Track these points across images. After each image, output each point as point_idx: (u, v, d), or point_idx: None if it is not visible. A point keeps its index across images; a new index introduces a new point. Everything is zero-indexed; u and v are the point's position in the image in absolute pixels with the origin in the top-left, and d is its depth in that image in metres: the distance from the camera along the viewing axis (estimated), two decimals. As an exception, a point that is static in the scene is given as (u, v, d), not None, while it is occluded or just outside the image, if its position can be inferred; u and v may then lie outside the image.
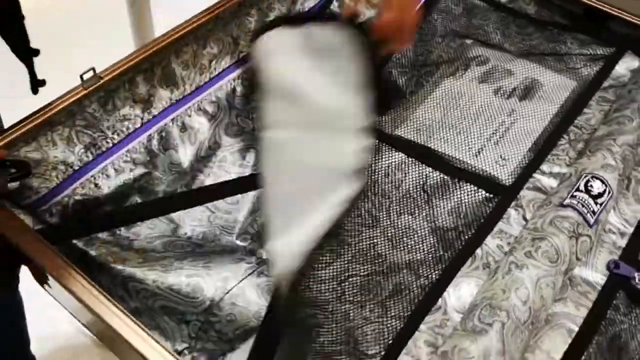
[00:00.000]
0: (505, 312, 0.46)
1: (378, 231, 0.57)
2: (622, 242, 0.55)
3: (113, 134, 0.62)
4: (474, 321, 0.47)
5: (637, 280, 0.53)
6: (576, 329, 0.50)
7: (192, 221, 0.64)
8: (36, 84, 0.58)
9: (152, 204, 0.62)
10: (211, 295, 0.56)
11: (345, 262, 0.55)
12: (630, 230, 0.56)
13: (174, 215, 0.63)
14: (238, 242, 0.63)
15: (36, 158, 0.57)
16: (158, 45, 0.63)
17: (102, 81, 0.59)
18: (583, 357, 0.49)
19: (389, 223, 0.57)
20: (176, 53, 0.65)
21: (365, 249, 0.56)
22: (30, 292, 0.62)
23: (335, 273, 0.54)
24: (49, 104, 0.57)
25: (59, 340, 1.13)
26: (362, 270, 0.54)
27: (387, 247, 0.56)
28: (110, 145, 0.61)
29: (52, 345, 0.98)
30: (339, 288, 0.53)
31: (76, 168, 0.59)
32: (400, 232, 0.57)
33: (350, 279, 0.53)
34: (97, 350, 1.13)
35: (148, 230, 0.62)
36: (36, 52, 0.59)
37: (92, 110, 0.60)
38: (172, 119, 0.65)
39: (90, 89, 0.59)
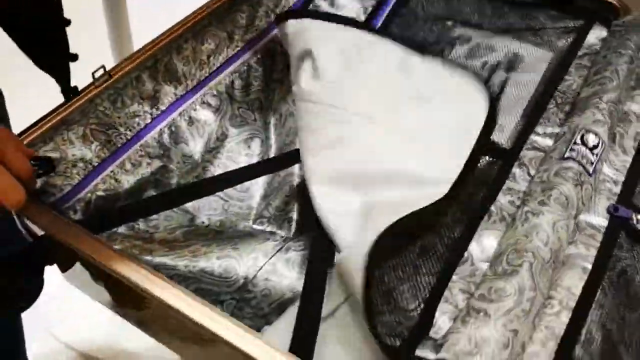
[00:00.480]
0: (531, 253, 0.51)
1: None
2: (617, 189, 0.62)
3: (126, 130, 0.64)
4: (503, 265, 0.52)
5: (634, 221, 0.60)
6: (589, 267, 0.56)
7: (208, 211, 0.67)
8: (69, 89, 0.59)
9: (166, 194, 0.65)
10: (244, 274, 0.59)
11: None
12: (622, 178, 0.62)
13: (189, 207, 0.66)
14: (255, 226, 0.67)
15: (56, 157, 0.59)
16: (160, 42, 0.66)
17: (112, 79, 0.62)
18: (599, 291, 0.55)
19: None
20: (177, 50, 0.69)
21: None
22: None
23: None
24: (63, 103, 0.60)
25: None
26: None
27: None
28: (124, 141, 0.64)
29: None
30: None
31: (95, 164, 0.61)
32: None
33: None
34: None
35: (166, 223, 0.64)
36: (75, 57, 0.60)
37: (103, 108, 0.63)
38: (180, 114, 0.68)
39: (101, 87, 0.61)
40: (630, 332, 0.54)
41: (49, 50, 0.61)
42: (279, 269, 0.59)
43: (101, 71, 0.61)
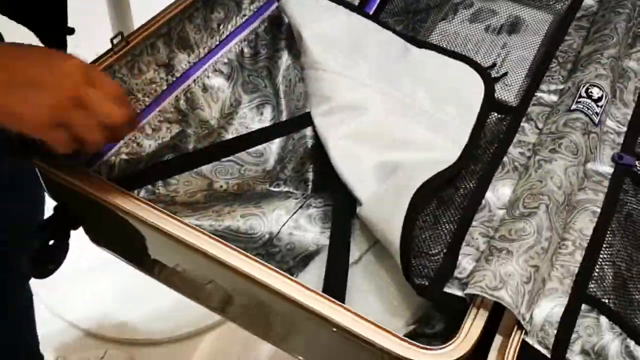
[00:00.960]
0: (547, 196, 0.55)
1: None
2: (620, 140, 0.66)
3: (144, 96, 0.67)
4: (520, 209, 0.56)
5: (638, 168, 0.64)
6: (598, 210, 0.60)
7: (224, 175, 0.70)
8: None
9: (184, 157, 0.68)
10: (268, 230, 0.62)
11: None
12: (624, 129, 0.67)
13: (206, 172, 0.69)
14: (272, 188, 0.70)
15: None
16: (173, 11, 0.69)
17: (129, 46, 0.65)
18: (608, 232, 0.59)
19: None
20: (189, 18, 0.71)
21: None
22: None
23: None
24: (85, 69, 0.62)
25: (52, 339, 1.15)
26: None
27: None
28: (143, 107, 0.67)
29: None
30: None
31: (119, 130, 0.64)
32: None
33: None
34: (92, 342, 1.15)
35: (185, 187, 0.67)
36: (72, 31, 0.63)
37: (121, 74, 0.65)
38: (194, 80, 0.71)
39: (120, 53, 0.64)
40: (638, 270, 0.59)
41: (48, 23, 0.63)
42: (302, 224, 0.62)
43: (119, 38, 0.64)
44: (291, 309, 0.50)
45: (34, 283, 0.82)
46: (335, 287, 0.54)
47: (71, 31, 0.63)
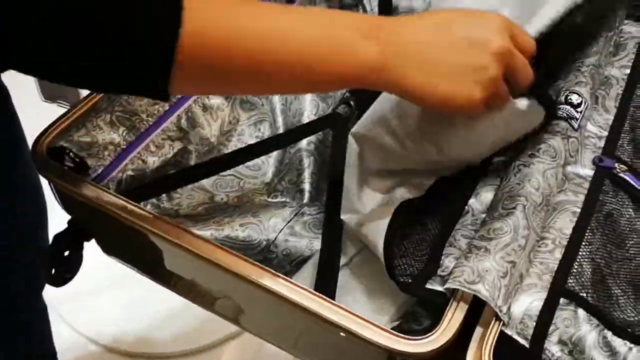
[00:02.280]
0: (524, 197, 0.62)
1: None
2: (601, 144, 0.72)
3: (147, 117, 0.75)
4: (499, 210, 0.62)
5: (617, 170, 0.70)
6: (578, 210, 0.66)
7: (225, 189, 0.77)
8: None
9: (186, 171, 0.75)
10: (265, 237, 0.69)
11: None
12: (605, 133, 0.73)
13: (208, 186, 0.76)
14: (270, 199, 0.77)
15: (88, 141, 0.69)
16: (174, 35, 0.77)
17: (133, 70, 0.73)
18: (587, 231, 0.65)
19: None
20: (189, 42, 0.79)
21: None
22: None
23: None
24: (91, 92, 0.70)
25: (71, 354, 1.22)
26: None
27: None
28: (147, 126, 0.74)
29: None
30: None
31: (124, 147, 0.71)
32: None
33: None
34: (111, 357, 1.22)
35: (188, 200, 0.75)
36: None
37: (126, 97, 0.73)
38: (194, 101, 0.79)
39: (124, 77, 0.72)
40: (618, 266, 0.65)
41: None
42: (297, 230, 0.70)
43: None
44: (287, 308, 0.57)
45: (53, 298, 0.89)
46: (326, 286, 0.61)
47: None
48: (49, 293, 0.82)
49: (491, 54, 0.49)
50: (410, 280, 0.59)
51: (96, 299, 1.30)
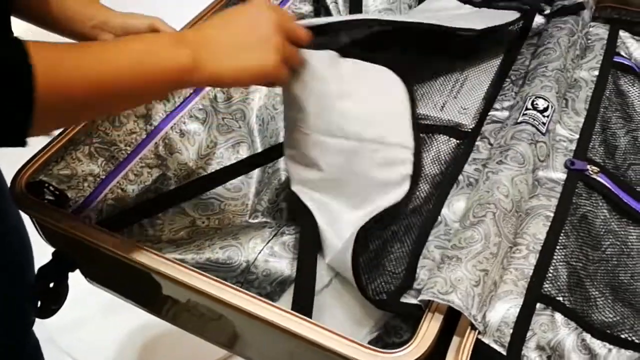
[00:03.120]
0: (494, 204, 0.62)
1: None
2: (572, 146, 0.72)
3: (125, 146, 0.75)
4: (470, 219, 0.62)
5: (590, 172, 0.70)
6: (552, 215, 0.66)
7: (206, 212, 0.77)
8: None
9: (165, 195, 0.76)
10: (245, 259, 0.69)
11: None
12: (576, 136, 0.73)
13: (189, 210, 0.77)
14: (251, 220, 0.77)
15: (67, 174, 0.70)
16: (148, 65, 0.77)
17: (108, 101, 0.73)
18: (562, 234, 0.65)
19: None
20: (163, 70, 0.80)
21: None
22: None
23: None
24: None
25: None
26: None
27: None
28: (126, 155, 0.75)
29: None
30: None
31: (102, 177, 0.72)
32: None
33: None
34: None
35: (170, 226, 0.75)
36: None
37: (104, 128, 0.73)
38: (171, 127, 0.79)
39: (100, 109, 0.72)
40: (595, 268, 0.65)
41: None
42: (276, 251, 0.70)
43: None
44: (266, 329, 0.57)
45: (50, 326, 0.89)
46: (302, 304, 0.61)
47: None
48: (48, 325, 0.82)
49: (271, 27, 0.58)
50: (385, 297, 0.59)
51: (95, 326, 1.30)
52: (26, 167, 0.67)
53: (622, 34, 0.86)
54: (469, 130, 0.75)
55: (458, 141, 0.74)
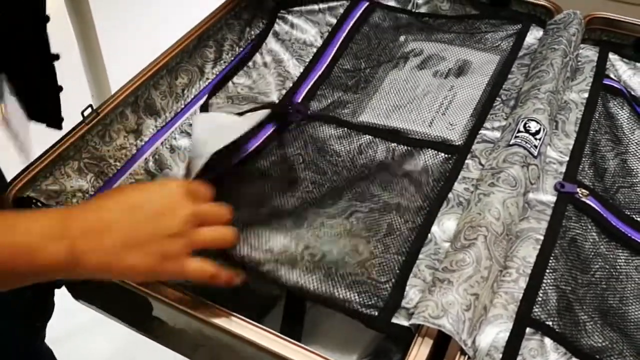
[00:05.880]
0: (485, 227, 0.61)
1: (369, 180, 0.71)
2: (562, 169, 0.71)
3: (115, 162, 0.73)
4: (461, 241, 0.61)
5: (580, 195, 0.69)
6: (541, 238, 0.65)
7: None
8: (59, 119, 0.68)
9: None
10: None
11: (348, 200, 0.68)
12: (566, 158, 0.72)
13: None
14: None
15: (56, 189, 0.68)
16: (139, 80, 0.76)
17: (99, 116, 0.71)
18: (551, 258, 0.64)
19: (374, 178, 0.71)
20: (154, 86, 0.78)
21: (362, 192, 0.69)
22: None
23: (341, 210, 0.67)
24: (58, 141, 0.69)
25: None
26: (363, 207, 0.67)
27: (379, 189, 0.69)
28: (115, 171, 0.73)
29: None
30: (347, 222, 0.65)
31: (91, 193, 0.70)
32: (386, 181, 0.70)
33: (355, 214, 0.66)
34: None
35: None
36: (57, 57, 0.68)
37: (94, 143, 0.72)
38: (162, 143, 0.78)
39: (91, 124, 0.71)
40: (584, 292, 0.63)
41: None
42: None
43: (89, 110, 0.70)
44: (255, 352, 0.55)
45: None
46: (292, 328, 0.59)
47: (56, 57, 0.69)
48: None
49: (179, 219, 0.52)
50: (376, 314, 0.58)
51: (85, 338, 1.28)
52: (14, 183, 0.65)
53: (612, 56, 0.86)
54: (458, 145, 0.74)
55: (446, 155, 0.73)
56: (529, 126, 0.70)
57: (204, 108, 0.81)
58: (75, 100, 0.76)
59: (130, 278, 0.54)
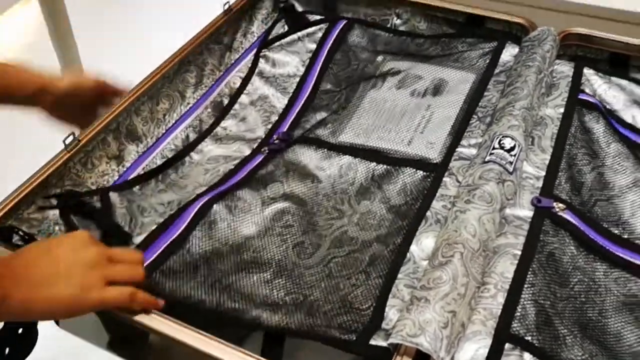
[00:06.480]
0: (461, 244, 0.61)
1: (346, 220, 0.71)
2: (539, 184, 0.72)
3: (97, 188, 0.74)
4: (439, 258, 0.61)
5: (556, 209, 0.69)
6: (519, 253, 0.65)
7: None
8: None
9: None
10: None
11: (326, 249, 0.68)
12: (543, 173, 0.73)
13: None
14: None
15: (38, 217, 0.68)
16: (121, 106, 0.76)
17: (80, 144, 0.72)
18: (529, 272, 0.64)
19: (353, 212, 0.71)
20: (136, 112, 0.79)
21: (339, 236, 0.69)
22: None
23: (319, 259, 0.67)
24: (40, 169, 0.69)
25: None
26: (341, 252, 0.67)
27: (356, 230, 0.70)
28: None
29: None
30: (325, 269, 0.66)
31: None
32: (364, 216, 0.71)
33: (334, 260, 0.66)
34: None
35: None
36: None
37: (76, 170, 0.72)
38: (143, 168, 0.78)
39: (72, 152, 0.71)
40: (563, 305, 0.63)
41: None
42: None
43: (71, 138, 0.71)
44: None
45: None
46: (273, 352, 0.59)
47: None
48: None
49: (93, 252, 0.56)
50: (354, 338, 0.58)
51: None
52: (-4, 212, 0.66)
53: (587, 71, 0.86)
54: (436, 163, 0.74)
55: (425, 173, 0.73)
56: (503, 143, 0.71)
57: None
58: (61, 127, 0.77)
59: (54, 311, 0.55)
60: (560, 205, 0.70)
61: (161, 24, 1.97)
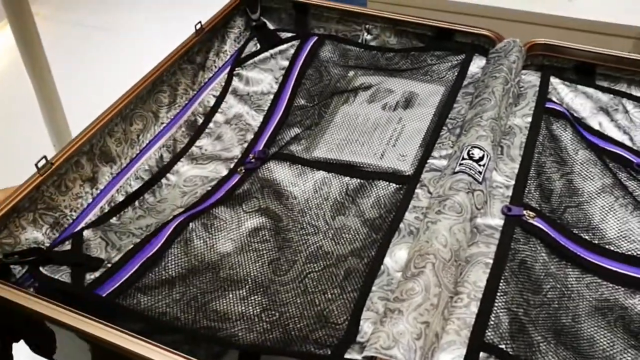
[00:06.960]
0: (433, 255, 0.61)
1: (321, 235, 0.71)
2: (509, 192, 0.72)
3: (71, 211, 0.73)
4: (411, 269, 0.61)
5: (527, 217, 0.70)
6: (491, 262, 0.65)
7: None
8: None
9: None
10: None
11: (301, 264, 0.68)
12: (512, 182, 0.73)
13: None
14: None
15: (10, 242, 0.67)
16: (94, 128, 0.76)
17: (53, 167, 0.71)
18: (502, 281, 0.64)
19: (328, 227, 0.72)
20: (109, 133, 0.78)
21: (315, 252, 0.69)
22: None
23: (295, 275, 0.67)
24: (13, 193, 0.68)
25: None
26: (316, 267, 0.68)
27: (331, 245, 0.70)
28: (71, 221, 0.73)
29: None
30: (301, 285, 0.66)
31: (47, 245, 0.69)
32: (339, 231, 0.71)
33: (309, 276, 0.67)
34: None
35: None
36: None
37: (49, 193, 0.71)
38: (117, 190, 0.77)
39: (45, 175, 0.70)
40: (537, 312, 0.64)
41: None
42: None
43: (43, 161, 0.70)
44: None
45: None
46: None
47: None
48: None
49: None
50: (329, 352, 0.58)
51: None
52: (-33, 238, 0.65)
53: (553, 80, 0.88)
54: (408, 175, 0.75)
55: (397, 185, 0.74)
56: (472, 153, 0.71)
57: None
58: (38, 151, 0.76)
59: None
60: (531, 213, 0.71)
61: (136, 48, 1.97)
